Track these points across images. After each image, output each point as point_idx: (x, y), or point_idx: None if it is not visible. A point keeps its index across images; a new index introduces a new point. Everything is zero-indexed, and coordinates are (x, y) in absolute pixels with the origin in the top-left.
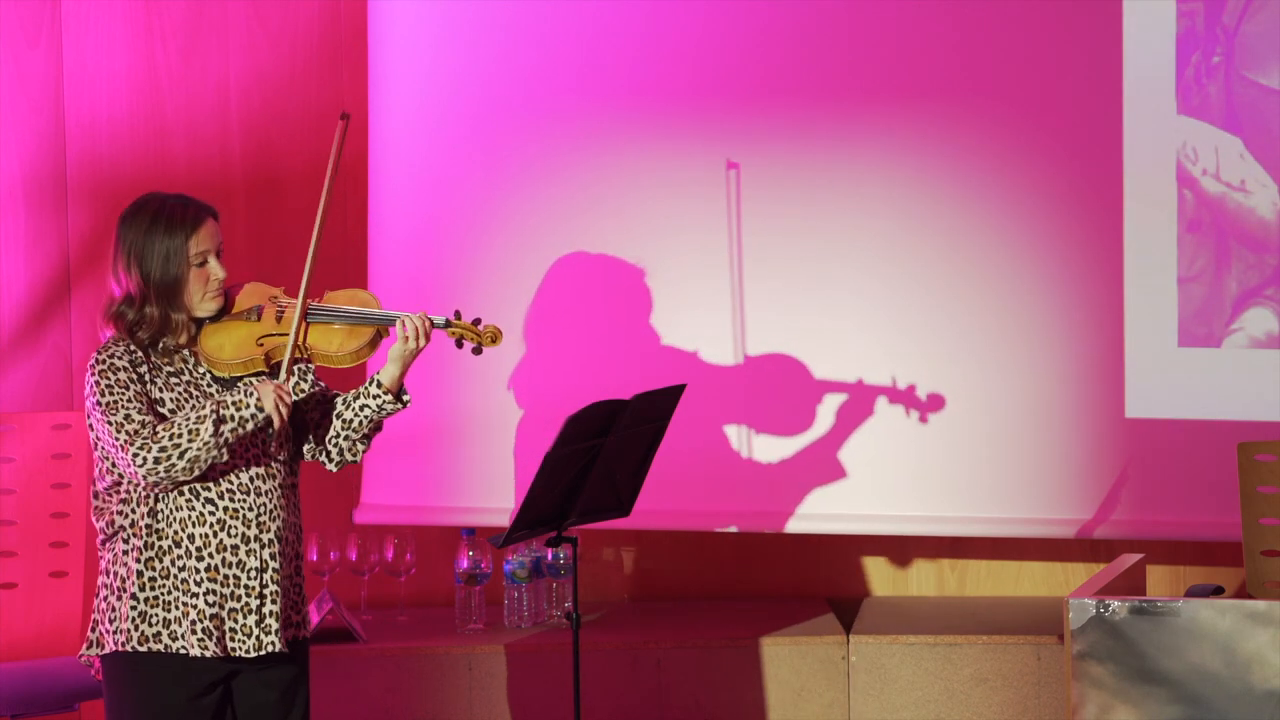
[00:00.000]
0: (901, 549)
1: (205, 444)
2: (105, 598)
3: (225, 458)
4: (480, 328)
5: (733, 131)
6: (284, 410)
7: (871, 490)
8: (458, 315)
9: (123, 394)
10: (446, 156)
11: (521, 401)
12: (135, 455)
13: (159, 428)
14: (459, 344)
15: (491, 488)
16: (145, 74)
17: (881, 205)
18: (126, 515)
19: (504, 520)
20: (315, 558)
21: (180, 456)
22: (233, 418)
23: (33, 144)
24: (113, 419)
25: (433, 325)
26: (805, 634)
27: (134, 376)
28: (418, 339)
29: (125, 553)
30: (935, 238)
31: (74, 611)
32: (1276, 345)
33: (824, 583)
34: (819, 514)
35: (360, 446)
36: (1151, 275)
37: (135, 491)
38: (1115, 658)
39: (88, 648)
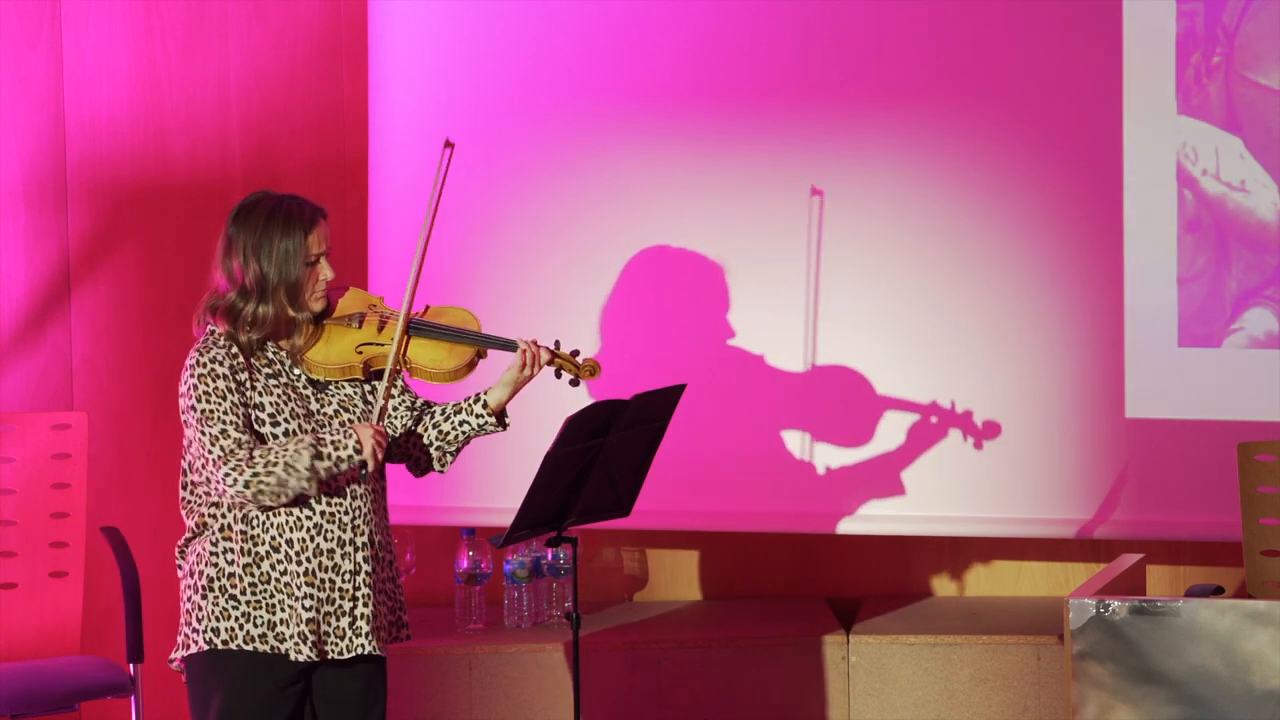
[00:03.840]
0: (901, 549)
1: (299, 476)
2: (190, 597)
3: (315, 493)
4: (579, 360)
5: (732, 130)
6: (379, 454)
7: (872, 490)
8: (558, 345)
9: (220, 404)
10: None
11: (523, 400)
12: (227, 475)
13: (255, 452)
14: (557, 375)
15: (491, 488)
16: (145, 74)
17: (881, 206)
18: (218, 519)
19: (504, 520)
20: None
21: (274, 483)
22: (329, 456)
23: (33, 144)
24: (208, 430)
25: (551, 356)
26: (805, 634)
27: (233, 385)
28: (534, 367)
29: (215, 553)
30: (935, 238)
31: (74, 611)
32: (1276, 345)
33: (824, 583)
34: (820, 514)
35: (449, 458)
36: (1151, 275)
37: (224, 503)
38: (1115, 658)
39: (176, 651)
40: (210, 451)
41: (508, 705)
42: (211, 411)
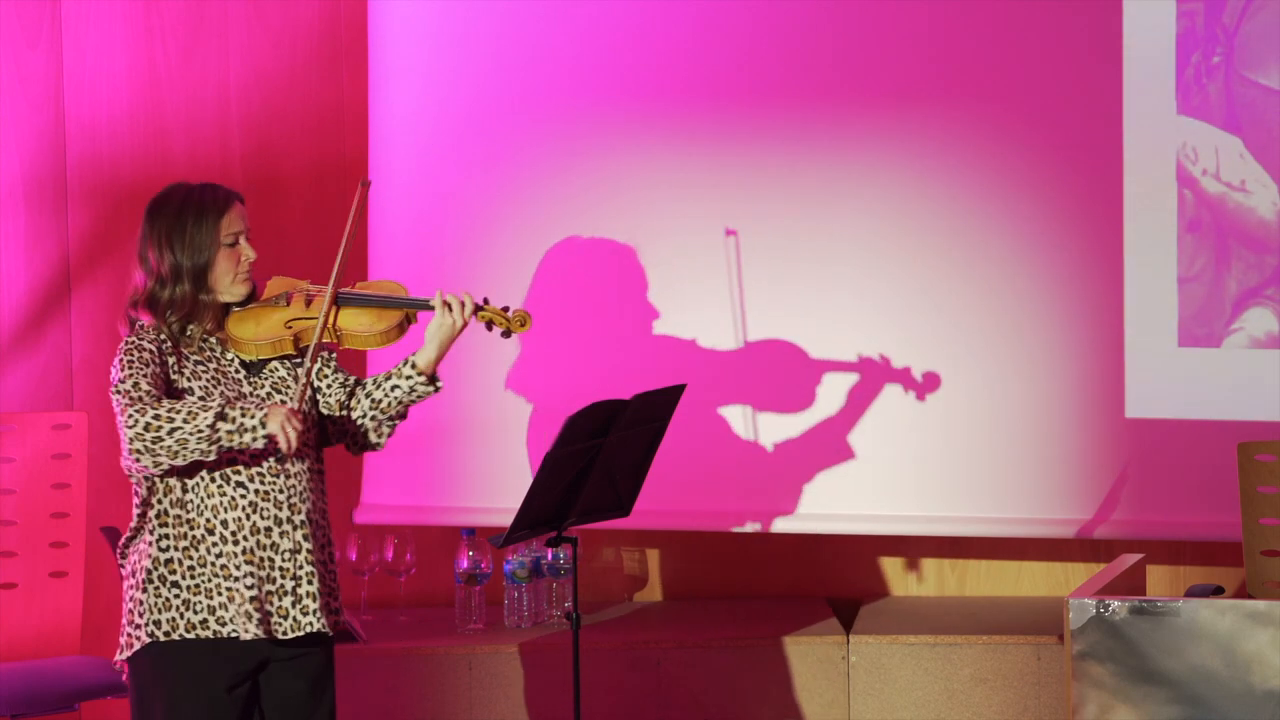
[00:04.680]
0: (901, 549)
1: (197, 431)
2: (132, 595)
3: (212, 457)
4: (509, 313)
5: (732, 131)
6: (291, 433)
7: (872, 490)
8: (486, 301)
9: (141, 370)
10: (446, 156)
11: (521, 400)
12: (130, 417)
13: (162, 399)
14: (489, 327)
15: (491, 488)
16: (145, 74)
17: (881, 206)
18: (153, 506)
19: (504, 520)
20: None
21: (169, 434)
22: (234, 420)
23: (33, 144)
24: (121, 387)
25: (476, 308)
26: (805, 634)
27: (158, 360)
28: (458, 315)
29: (151, 543)
30: (935, 238)
31: (74, 611)
32: (1276, 345)
33: (824, 583)
34: (820, 514)
35: (385, 429)
36: (1151, 275)
37: (161, 482)
38: (1115, 658)
39: (119, 654)
40: (119, 402)
41: (508, 705)
42: (129, 375)
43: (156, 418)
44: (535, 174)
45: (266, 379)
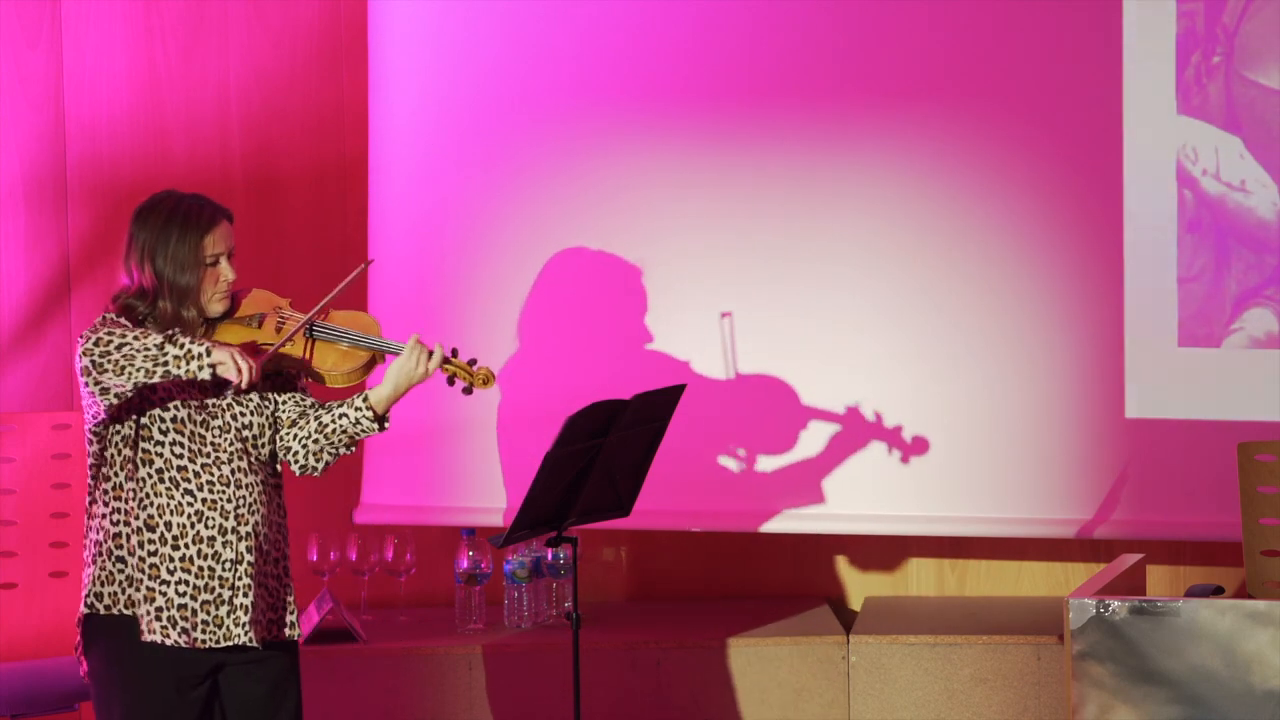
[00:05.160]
0: (901, 549)
1: (145, 349)
2: (86, 573)
3: (152, 379)
4: (475, 369)
5: (732, 131)
6: (243, 365)
7: (872, 490)
8: (455, 353)
9: (110, 330)
10: (446, 156)
11: (521, 400)
12: (86, 337)
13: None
14: (450, 381)
15: (491, 488)
16: (145, 74)
17: (880, 206)
18: (108, 479)
19: (504, 520)
20: (315, 558)
21: (117, 349)
22: (181, 346)
23: (33, 144)
24: (88, 333)
25: (443, 360)
26: (805, 634)
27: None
28: (420, 363)
29: (104, 515)
30: (935, 238)
31: (74, 611)
32: (1276, 345)
33: (824, 583)
34: (820, 514)
35: (327, 457)
36: (1151, 275)
37: (116, 462)
38: (1115, 658)
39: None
40: (83, 339)
41: (508, 705)
42: (96, 330)
43: (110, 334)
44: (535, 174)
45: (230, 392)
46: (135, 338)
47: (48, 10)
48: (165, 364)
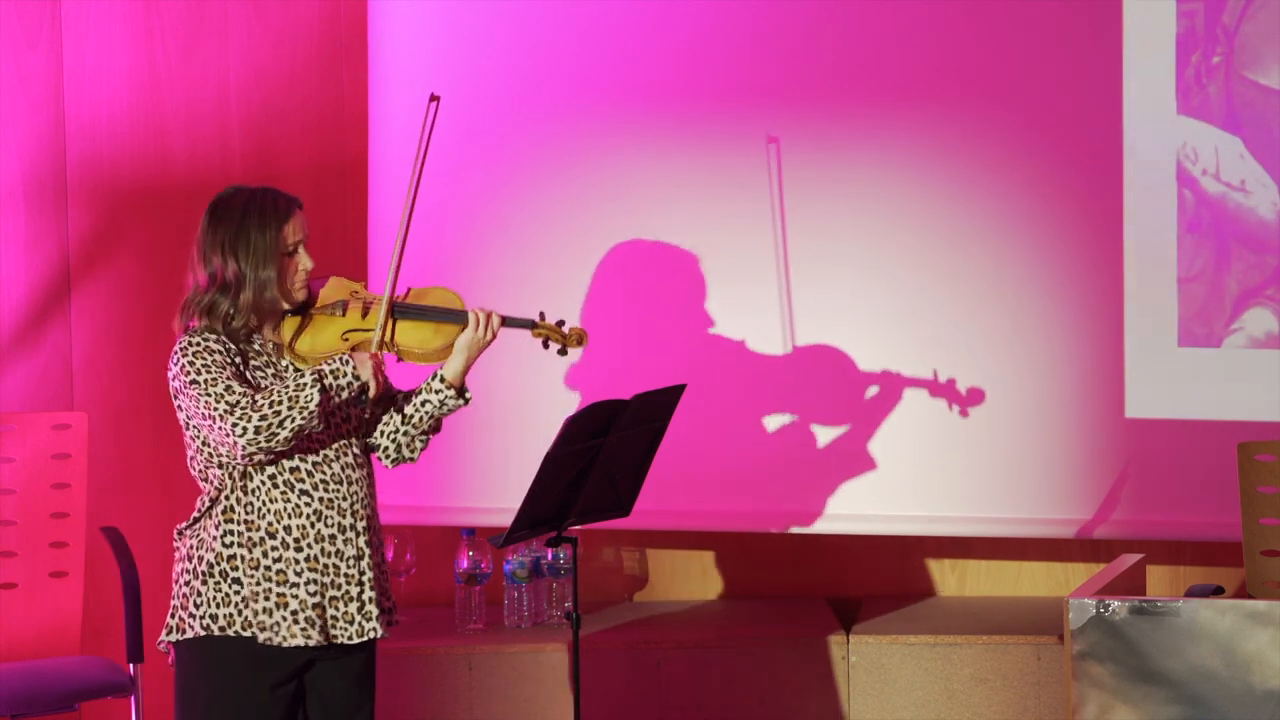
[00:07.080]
0: (901, 549)
1: (306, 411)
2: (188, 582)
3: (320, 428)
4: (566, 330)
5: (732, 131)
6: (380, 375)
7: (872, 490)
8: (542, 316)
9: (220, 371)
10: (446, 156)
11: (521, 400)
12: (235, 425)
13: (258, 398)
14: (545, 345)
15: (491, 488)
16: (145, 74)
17: (879, 205)
18: (220, 502)
19: (504, 520)
20: None
21: (282, 425)
22: (332, 386)
23: (33, 144)
24: (212, 390)
25: (502, 321)
26: (805, 634)
27: (229, 360)
28: (486, 330)
29: (215, 537)
30: (934, 237)
31: (74, 611)
32: (1276, 345)
33: (824, 583)
34: (820, 514)
35: (419, 444)
36: (1151, 275)
37: (229, 479)
38: (1115, 658)
39: (167, 634)
40: (216, 408)
41: (508, 705)
42: (212, 377)
43: (264, 418)
44: (535, 174)
45: (366, 400)
46: (289, 404)
47: (48, 10)
48: (324, 404)
